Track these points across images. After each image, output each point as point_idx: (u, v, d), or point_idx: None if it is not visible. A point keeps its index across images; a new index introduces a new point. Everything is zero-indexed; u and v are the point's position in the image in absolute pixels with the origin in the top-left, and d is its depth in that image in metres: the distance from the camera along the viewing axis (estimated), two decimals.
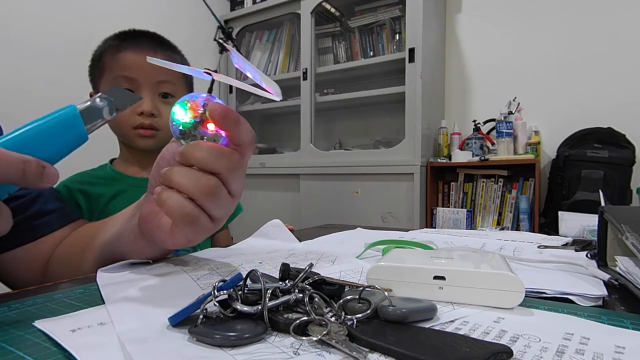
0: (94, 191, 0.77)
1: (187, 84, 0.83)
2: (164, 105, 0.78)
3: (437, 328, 0.26)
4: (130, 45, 0.75)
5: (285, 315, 0.26)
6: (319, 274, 0.32)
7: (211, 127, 0.34)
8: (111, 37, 0.78)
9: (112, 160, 0.85)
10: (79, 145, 0.32)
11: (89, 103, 0.33)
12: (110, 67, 0.75)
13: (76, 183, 0.78)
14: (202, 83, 0.39)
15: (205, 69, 0.36)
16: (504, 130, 1.87)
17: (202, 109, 0.34)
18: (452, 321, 0.28)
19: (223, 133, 0.34)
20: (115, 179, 0.80)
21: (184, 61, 0.84)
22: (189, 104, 0.34)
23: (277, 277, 0.32)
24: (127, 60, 0.74)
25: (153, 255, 0.44)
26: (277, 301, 0.26)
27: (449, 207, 2.00)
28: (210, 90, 0.36)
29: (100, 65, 0.77)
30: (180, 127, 0.34)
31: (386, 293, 0.28)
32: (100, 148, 0.85)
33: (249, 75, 0.37)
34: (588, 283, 0.37)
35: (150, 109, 0.75)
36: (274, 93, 0.36)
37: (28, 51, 1.70)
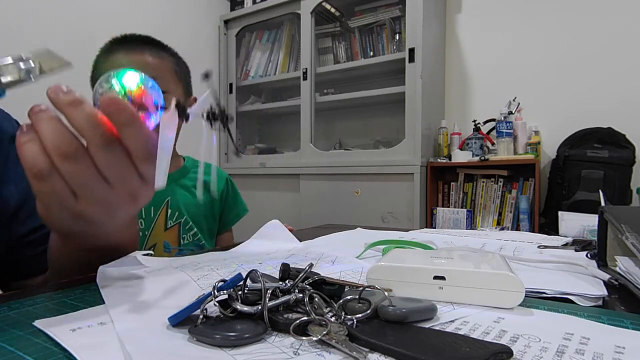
0: None
1: (180, 80, 0.83)
2: None
3: (437, 328, 0.26)
4: (121, 48, 0.78)
5: (285, 315, 0.26)
6: (319, 274, 0.32)
7: None
8: (105, 45, 0.81)
9: None
10: None
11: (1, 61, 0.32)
12: (105, 70, 0.77)
13: None
14: (203, 85, 0.38)
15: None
16: (504, 130, 1.86)
17: (144, 96, 0.32)
18: (452, 321, 0.28)
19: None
20: None
21: (176, 58, 0.84)
22: (142, 87, 0.32)
23: (277, 277, 0.32)
24: (116, 62, 0.77)
25: (90, 257, 0.39)
26: (277, 301, 0.26)
27: (449, 207, 2.00)
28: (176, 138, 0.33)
29: (97, 72, 0.79)
30: (112, 84, 0.31)
31: (386, 293, 0.28)
32: None
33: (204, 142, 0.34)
34: (588, 283, 0.37)
35: None
36: (161, 177, 0.31)
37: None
